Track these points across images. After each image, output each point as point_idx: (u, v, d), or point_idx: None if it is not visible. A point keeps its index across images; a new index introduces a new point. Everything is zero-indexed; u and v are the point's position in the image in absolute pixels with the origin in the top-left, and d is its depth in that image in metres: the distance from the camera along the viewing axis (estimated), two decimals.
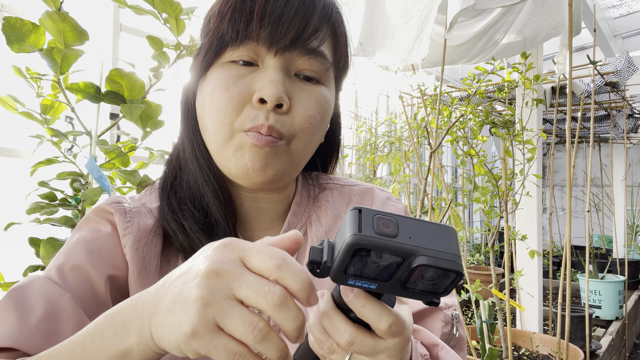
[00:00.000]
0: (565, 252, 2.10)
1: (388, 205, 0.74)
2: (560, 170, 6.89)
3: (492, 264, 2.15)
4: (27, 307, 0.54)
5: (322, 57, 0.61)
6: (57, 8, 1.04)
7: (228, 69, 0.59)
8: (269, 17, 0.57)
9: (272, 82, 0.57)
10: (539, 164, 2.72)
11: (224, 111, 0.58)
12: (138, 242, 0.61)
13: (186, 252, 0.63)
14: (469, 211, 5.67)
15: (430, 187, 2.53)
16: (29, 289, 0.56)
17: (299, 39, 0.58)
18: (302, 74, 0.61)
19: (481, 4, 1.75)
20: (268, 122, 0.57)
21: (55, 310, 0.55)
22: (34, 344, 0.52)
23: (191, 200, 0.64)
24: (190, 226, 0.62)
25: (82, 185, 1.19)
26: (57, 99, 1.19)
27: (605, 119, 4.14)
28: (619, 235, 4.97)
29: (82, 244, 0.61)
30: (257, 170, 0.59)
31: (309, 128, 0.61)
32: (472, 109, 2.10)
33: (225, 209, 0.64)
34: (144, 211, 0.66)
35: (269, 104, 0.57)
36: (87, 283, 0.58)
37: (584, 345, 2.51)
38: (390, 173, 3.36)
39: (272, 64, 0.58)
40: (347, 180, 0.78)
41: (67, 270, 0.58)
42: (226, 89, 0.58)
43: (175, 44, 1.20)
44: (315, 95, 0.61)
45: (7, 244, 1.26)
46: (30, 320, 0.53)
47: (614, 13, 4.60)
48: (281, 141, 0.59)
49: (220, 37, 0.59)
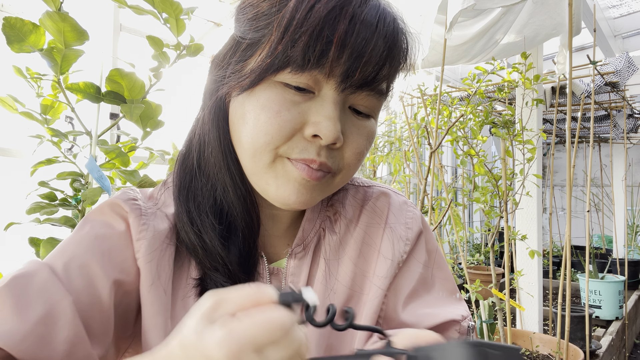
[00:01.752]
0: (565, 252, 2.10)
1: (404, 212, 0.70)
2: (560, 170, 6.89)
3: (492, 264, 2.15)
4: (26, 303, 0.50)
5: (383, 96, 0.58)
6: (57, 8, 1.04)
7: (282, 91, 0.53)
8: (348, 52, 0.51)
9: (330, 120, 0.52)
10: (539, 164, 2.72)
11: (271, 136, 0.53)
12: (153, 251, 0.58)
13: (204, 268, 0.59)
14: (469, 211, 5.67)
15: (430, 187, 2.53)
16: (32, 280, 0.52)
17: (373, 81, 0.54)
18: (355, 108, 0.57)
19: (481, 4, 1.75)
20: (320, 159, 0.54)
21: (54, 314, 0.51)
22: (24, 349, 0.48)
23: (212, 209, 0.60)
24: (211, 240, 0.58)
25: (82, 185, 1.19)
26: (57, 99, 1.19)
27: (605, 119, 4.15)
28: (619, 235, 4.97)
29: (93, 239, 0.57)
30: (300, 202, 0.56)
31: (356, 164, 0.59)
32: (472, 109, 2.11)
33: (251, 224, 0.61)
34: (159, 214, 0.62)
35: (324, 142, 0.53)
36: (92, 286, 0.54)
37: (584, 345, 2.51)
38: (390, 173, 3.37)
39: (331, 98, 0.53)
40: (363, 180, 0.74)
41: (73, 267, 0.54)
42: (277, 114, 0.52)
43: (175, 44, 1.20)
44: (367, 131, 0.58)
45: (7, 244, 1.26)
46: (26, 319, 0.49)
47: (614, 13, 4.60)
48: (328, 175, 0.56)
49: (286, 60, 0.51)
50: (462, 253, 2.84)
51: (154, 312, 0.56)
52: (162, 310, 0.57)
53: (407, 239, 0.67)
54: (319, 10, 0.50)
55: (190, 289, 0.60)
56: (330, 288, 0.63)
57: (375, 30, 0.52)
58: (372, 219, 0.68)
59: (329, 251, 0.65)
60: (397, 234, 0.67)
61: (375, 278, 0.64)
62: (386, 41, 0.53)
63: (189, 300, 0.59)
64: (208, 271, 0.59)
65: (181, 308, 0.59)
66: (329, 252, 0.65)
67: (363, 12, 0.51)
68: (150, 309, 0.56)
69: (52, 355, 0.49)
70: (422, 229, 0.71)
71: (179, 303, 0.59)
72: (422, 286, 0.66)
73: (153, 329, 0.56)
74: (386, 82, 0.57)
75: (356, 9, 0.51)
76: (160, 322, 0.56)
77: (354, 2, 0.51)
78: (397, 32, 0.55)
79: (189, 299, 0.59)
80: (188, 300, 0.59)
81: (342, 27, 0.50)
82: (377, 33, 0.52)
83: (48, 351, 0.49)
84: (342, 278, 0.64)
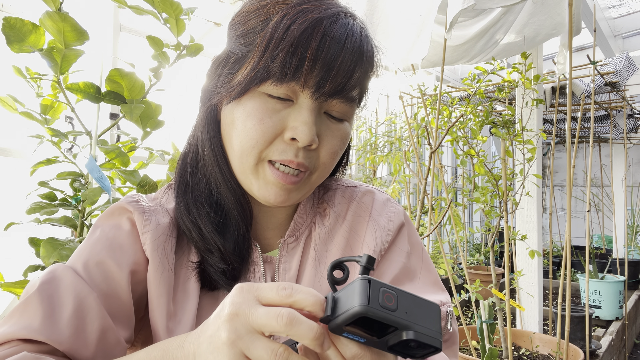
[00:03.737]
0: (565, 252, 2.10)
1: (387, 207, 0.77)
2: (560, 170, 6.89)
3: (492, 264, 2.15)
4: (58, 303, 0.58)
5: (355, 102, 0.65)
6: (57, 8, 1.04)
7: (264, 101, 0.61)
8: (320, 65, 0.58)
9: (306, 124, 0.60)
10: (539, 164, 2.72)
11: (255, 140, 0.61)
12: (157, 240, 0.65)
13: (201, 251, 0.67)
14: (469, 211, 5.67)
15: (430, 187, 2.53)
16: (60, 283, 0.60)
17: (343, 90, 0.61)
18: (330, 113, 0.64)
19: (481, 4, 1.75)
20: (298, 160, 0.61)
21: (83, 308, 0.59)
22: (63, 340, 0.56)
23: (208, 202, 0.68)
24: (205, 226, 0.66)
25: (82, 185, 1.19)
26: (57, 99, 1.19)
27: (605, 119, 4.14)
28: (619, 235, 4.97)
29: (104, 240, 0.65)
30: (279, 202, 0.64)
31: (331, 162, 0.66)
32: (472, 109, 2.11)
33: (243, 214, 0.68)
34: (161, 210, 0.69)
35: (301, 144, 0.60)
36: (110, 279, 0.62)
37: (584, 345, 2.51)
38: (390, 173, 3.37)
39: (308, 105, 0.61)
40: (350, 181, 0.82)
41: (92, 265, 0.62)
42: (260, 121, 0.60)
43: (175, 44, 1.20)
44: (340, 134, 0.65)
45: (7, 244, 1.26)
46: (61, 316, 0.57)
47: (614, 13, 4.60)
48: (305, 174, 0.64)
49: (267, 73, 0.59)
50: (462, 253, 2.84)
51: (159, 293, 0.64)
52: (164, 292, 0.64)
53: (389, 229, 0.74)
54: (294, 30, 0.58)
55: (190, 274, 0.67)
56: (320, 274, 0.70)
57: (344, 45, 0.59)
58: (358, 214, 0.76)
59: (319, 242, 0.73)
60: (380, 226, 0.74)
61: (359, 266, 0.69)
62: (353, 55, 0.60)
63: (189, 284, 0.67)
64: (204, 254, 0.67)
65: (182, 290, 0.67)
66: (319, 242, 0.72)
67: (333, 30, 0.59)
68: (156, 291, 0.64)
69: (87, 343, 0.58)
70: (404, 222, 0.78)
71: (180, 286, 0.67)
72: (405, 275, 0.73)
73: (157, 307, 0.63)
74: (356, 90, 0.64)
75: (327, 28, 0.59)
76: (163, 302, 0.64)
77: (324, 22, 0.59)
78: (363, 46, 0.62)
79: (190, 282, 0.67)
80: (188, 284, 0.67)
81: (314, 44, 0.58)
82: (345, 48, 0.59)
83: (83, 340, 0.58)
84: None
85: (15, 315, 0.58)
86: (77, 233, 1.16)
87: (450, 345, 0.70)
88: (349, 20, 0.62)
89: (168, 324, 0.63)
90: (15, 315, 0.58)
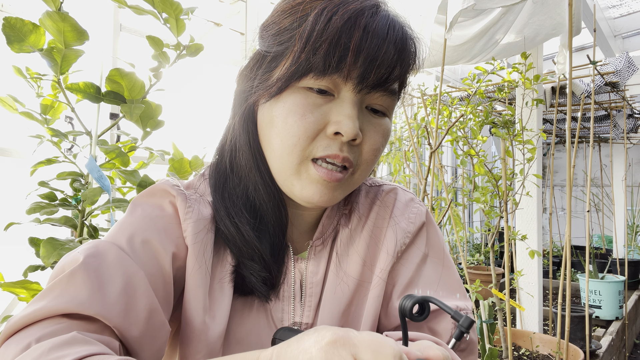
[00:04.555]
0: (565, 252, 2.10)
1: (410, 208, 0.75)
2: (560, 170, 6.89)
3: (492, 264, 2.15)
4: (106, 278, 0.54)
5: (396, 95, 0.64)
6: (57, 8, 1.04)
7: (305, 95, 0.59)
8: (363, 57, 0.57)
9: (350, 118, 0.58)
10: (539, 164, 2.72)
11: (297, 137, 0.59)
12: (198, 232, 0.63)
13: (242, 257, 0.65)
14: (469, 211, 5.67)
15: (430, 187, 2.53)
16: (105, 257, 0.56)
17: (386, 82, 0.60)
18: (372, 107, 0.63)
19: (481, 4, 1.75)
20: (343, 154, 0.59)
21: (132, 285, 0.55)
22: (113, 317, 0.52)
23: (247, 206, 0.66)
24: (247, 233, 0.64)
25: (82, 185, 1.19)
26: (57, 99, 1.19)
27: (605, 119, 4.14)
28: (619, 235, 4.97)
29: (148, 219, 0.62)
30: (323, 201, 0.62)
31: (373, 160, 0.64)
32: (472, 109, 2.10)
33: (280, 219, 0.67)
34: (202, 201, 0.67)
35: (345, 138, 0.58)
36: (155, 259, 0.60)
37: (584, 345, 2.51)
38: (390, 173, 3.37)
39: (350, 98, 0.59)
40: (374, 180, 0.80)
41: (137, 242, 0.59)
42: (302, 116, 0.59)
43: (175, 44, 1.20)
44: (382, 129, 0.64)
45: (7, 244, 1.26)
46: (110, 291, 0.53)
47: (614, 13, 4.60)
48: (348, 172, 0.62)
49: (309, 66, 0.58)
50: (462, 253, 2.84)
51: (196, 285, 0.62)
52: (202, 285, 0.62)
53: (408, 232, 0.72)
54: (336, 22, 0.57)
55: (226, 274, 0.66)
56: (340, 279, 0.69)
57: (386, 37, 0.58)
58: (379, 214, 0.74)
59: (341, 245, 0.71)
60: (400, 228, 0.72)
61: (378, 269, 0.70)
62: (396, 46, 0.59)
63: (224, 284, 0.65)
64: (244, 260, 0.65)
65: (218, 288, 0.64)
66: (341, 245, 0.71)
67: (375, 21, 0.58)
68: (193, 282, 0.62)
69: (136, 322, 0.54)
70: (425, 222, 0.75)
71: (216, 284, 0.65)
72: (419, 277, 0.70)
73: (193, 299, 0.61)
74: (397, 83, 0.63)
75: (368, 19, 0.58)
76: (200, 294, 0.62)
77: (366, 13, 0.58)
78: (405, 38, 0.61)
79: (225, 282, 0.65)
80: (224, 284, 0.65)
81: (357, 35, 0.56)
82: (388, 40, 0.58)
83: (133, 318, 0.54)
84: (350, 270, 0.70)
85: (57, 288, 0.52)
86: (77, 233, 1.16)
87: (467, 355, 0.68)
88: (389, 11, 0.61)
89: (205, 318, 0.61)
90: (57, 288, 0.52)
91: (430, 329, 0.67)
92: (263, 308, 0.67)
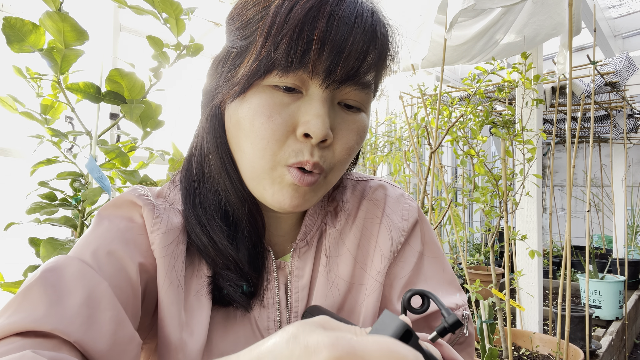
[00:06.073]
0: (565, 252, 2.10)
1: (401, 203, 0.72)
2: (560, 170, 6.89)
3: (492, 264, 2.15)
4: (65, 291, 0.50)
5: (371, 89, 0.59)
6: (57, 8, 1.04)
7: (270, 95, 0.55)
8: (329, 49, 0.52)
9: (319, 117, 0.53)
10: (539, 164, 2.72)
11: (266, 141, 0.54)
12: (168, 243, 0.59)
13: (217, 267, 0.61)
14: (469, 211, 5.67)
15: (430, 187, 2.53)
16: (65, 271, 0.52)
17: (356, 74, 0.55)
18: (345, 103, 0.58)
19: (481, 4, 1.75)
20: (313, 159, 0.55)
21: (94, 297, 0.51)
22: (73, 331, 0.48)
23: (219, 214, 0.62)
24: (221, 241, 0.60)
25: (82, 185, 1.19)
26: (57, 99, 1.19)
27: (605, 119, 4.14)
28: (619, 235, 4.97)
29: (115, 231, 0.59)
30: (293, 206, 0.58)
31: (347, 159, 0.60)
32: (472, 109, 2.10)
33: (256, 224, 0.63)
34: (172, 210, 0.63)
35: (314, 140, 0.54)
36: (122, 270, 0.56)
37: (584, 345, 2.51)
38: (390, 173, 3.36)
39: (319, 95, 0.54)
40: (360, 175, 0.76)
41: (102, 255, 0.56)
42: (269, 118, 0.54)
43: (175, 44, 1.20)
44: (357, 126, 0.59)
45: (7, 244, 1.26)
46: (69, 305, 0.49)
47: (614, 13, 4.60)
48: (320, 176, 0.58)
49: (271, 63, 0.53)
50: (462, 253, 2.84)
51: (169, 301, 0.58)
52: (175, 301, 0.58)
53: (403, 229, 0.69)
54: (297, 11, 0.52)
55: (202, 286, 0.61)
56: (331, 283, 0.65)
57: (354, 25, 0.53)
58: (370, 211, 0.70)
59: (330, 246, 0.67)
60: (394, 225, 0.69)
61: (373, 270, 0.67)
62: (365, 34, 0.54)
63: (201, 297, 0.60)
64: (219, 270, 0.61)
65: (195, 302, 0.60)
66: (329, 247, 0.67)
67: (340, 9, 0.53)
68: (166, 299, 0.58)
69: (101, 335, 0.50)
70: (418, 219, 0.72)
71: (192, 297, 0.60)
72: (418, 276, 0.68)
73: (167, 316, 0.57)
74: (371, 75, 0.58)
75: (333, 7, 0.52)
76: (174, 311, 0.57)
77: (330, 1, 0.52)
78: (375, 25, 0.55)
79: (202, 295, 0.61)
80: (201, 297, 0.60)
81: (321, 25, 0.51)
82: (356, 28, 0.53)
83: (97, 331, 0.50)
84: (342, 271, 0.66)
85: (11, 307, 0.48)
86: (77, 233, 1.16)
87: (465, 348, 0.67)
88: None
89: (182, 335, 0.57)
90: (11, 307, 0.48)
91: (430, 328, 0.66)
92: (247, 318, 0.63)
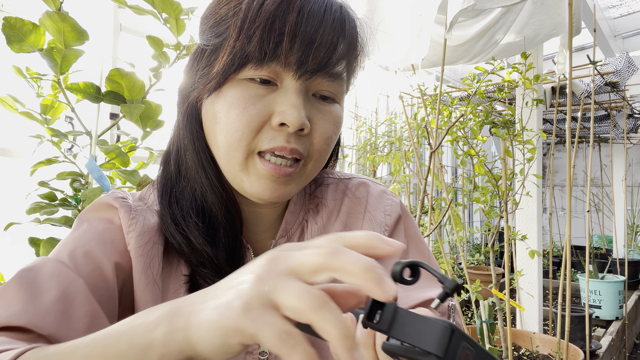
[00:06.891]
0: (565, 252, 2.10)
1: (384, 200, 0.73)
2: (560, 170, 6.89)
3: (492, 264, 2.15)
4: (40, 289, 0.52)
5: (343, 79, 0.61)
6: (57, 8, 1.04)
7: (245, 87, 0.57)
8: (299, 41, 0.54)
9: (294, 107, 0.55)
10: (539, 164, 2.72)
11: (241, 132, 0.56)
12: (143, 244, 0.60)
13: (192, 264, 0.62)
14: (469, 211, 5.67)
15: (430, 187, 2.53)
16: (40, 270, 0.54)
17: (327, 65, 0.57)
18: (319, 94, 0.60)
19: (481, 4, 1.75)
20: (290, 145, 0.57)
21: (69, 294, 0.53)
22: (46, 325, 0.50)
23: (195, 211, 0.63)
24: (196, 239, 0.61)
25: (82, 185, 1.19)
26: (57, 99, 1.19)
27: (605, 119, 4.14)
28: (619, 235, 4.97)
29: (93, 233, 0.60)
30: (274, 197, 0.59)
31: (325, 149, 0.61)
32: (472, 109, 2.10)
33: (232, 220, 0.64)
34: (148, 211, 0.64)
35: (291, 128, 0.56)
36: (98, 269, 0.57)
37: (584, 345, 2.51)
38: (390, 173, 3.36)
39: (293, 87, 0.57)
40: (343, 174, 0.78)
41: (79, 255, 0.57)
42: (244, 109, 0.56)
43: (175, 44, 1.20)
44: (332, 116, 0.61)
45: (7, 244, 1.26)
46: (44, 300, 0.51)
47: (614, 13, 4.60)
48: (299, 164, 0.59)
49: (245, 56, 0.55)
50: (462, 253, 2.84)
51: (145, 300, 0.59)
52: (151, 300, 0.59)
53: (386, 224, 0.71)
54: (269, 5, 0.54)
55: (180, 285, 0.62)
56: None
57: (323, 18, 0.56)
58: (352, 208, 0.72)
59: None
60: (377, 221, 0.70)
61: None
62: (334, 27, 0.57)
63: (180, 295, 0.61)
64: (196, 267, 0.62)
65: None
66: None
67: (310, 3, 0.56)
68: (142, 298, 0.59)
69: (75, 329, 0.51)
70: (401, 214, 0.73)
71: (170, 296, 0.61)
72: None
73: None
74: (342, 65, 0.60)
75: (303, 1, 0.55)
76: None
77: None
78: (344, 17, 0.59)
79: (180, 294, 0.61)
80: (179, 295, 0.60)
81: (292, 18, 0.54)
82: (325, 20, 0.56)
83: (71, 325, 0.51)
84: None
85: None
86: None
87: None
88: None
89: None
90: None
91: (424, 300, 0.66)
92: None
